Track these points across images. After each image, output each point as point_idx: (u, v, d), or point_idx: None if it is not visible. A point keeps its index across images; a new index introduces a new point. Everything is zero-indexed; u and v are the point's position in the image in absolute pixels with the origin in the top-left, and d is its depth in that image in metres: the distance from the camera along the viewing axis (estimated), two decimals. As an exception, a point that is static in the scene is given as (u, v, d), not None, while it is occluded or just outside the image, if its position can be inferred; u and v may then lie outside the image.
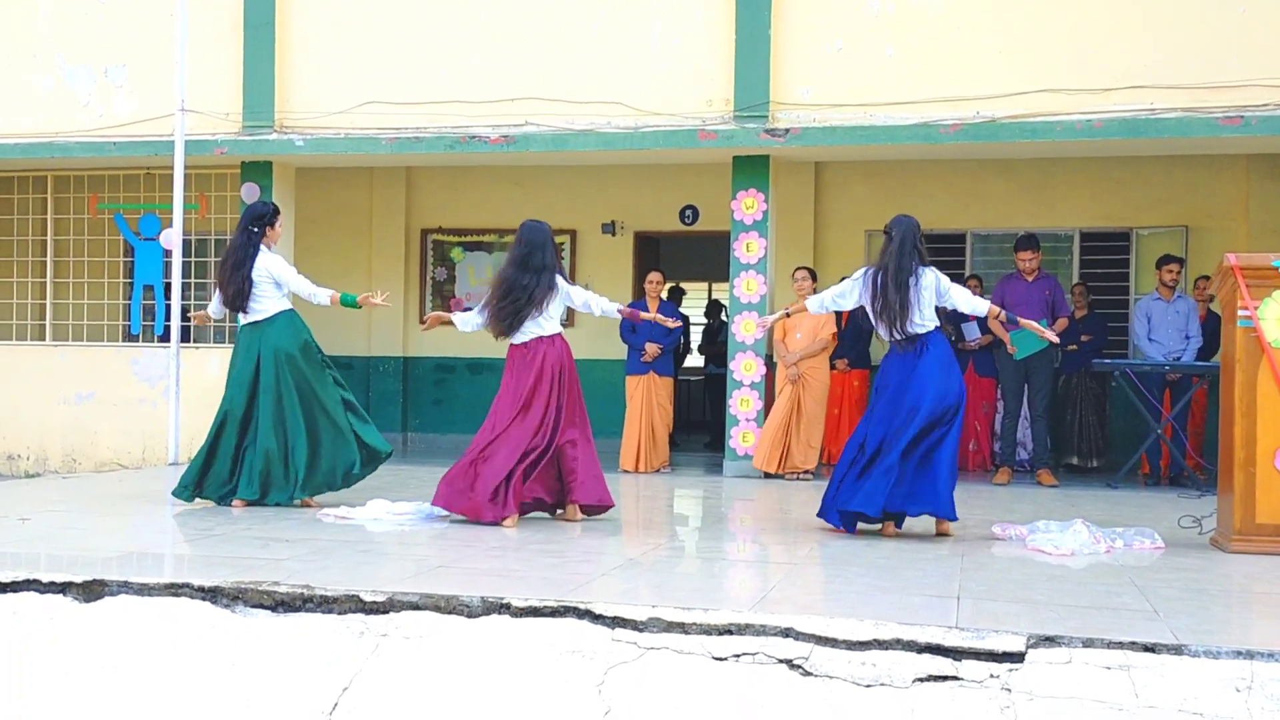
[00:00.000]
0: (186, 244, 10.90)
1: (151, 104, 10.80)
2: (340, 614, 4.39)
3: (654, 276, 10.76)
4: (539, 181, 12.76)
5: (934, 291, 6.60)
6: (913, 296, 6.53)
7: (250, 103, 10.70)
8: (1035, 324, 7.03)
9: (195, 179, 11.05)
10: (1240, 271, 6.10)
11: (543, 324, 6.87)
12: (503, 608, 4.31)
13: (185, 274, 10.89)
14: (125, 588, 4.61)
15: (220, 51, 10.75)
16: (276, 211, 7.55)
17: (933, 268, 6.70)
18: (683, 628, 4.11)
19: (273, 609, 4.46)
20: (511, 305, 6.80)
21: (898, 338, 6.59)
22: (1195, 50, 9.16)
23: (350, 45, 10.64)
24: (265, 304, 7.36)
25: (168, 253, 10.85)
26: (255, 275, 7.29)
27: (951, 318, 10.87)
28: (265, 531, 6.28)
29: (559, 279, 6.88)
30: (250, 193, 10.86)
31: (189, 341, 11.09)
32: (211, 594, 4.53)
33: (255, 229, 7.39)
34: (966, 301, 6.74)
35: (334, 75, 10.65)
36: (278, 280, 7.35)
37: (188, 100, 10.43)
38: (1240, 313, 6.10)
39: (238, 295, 7.30)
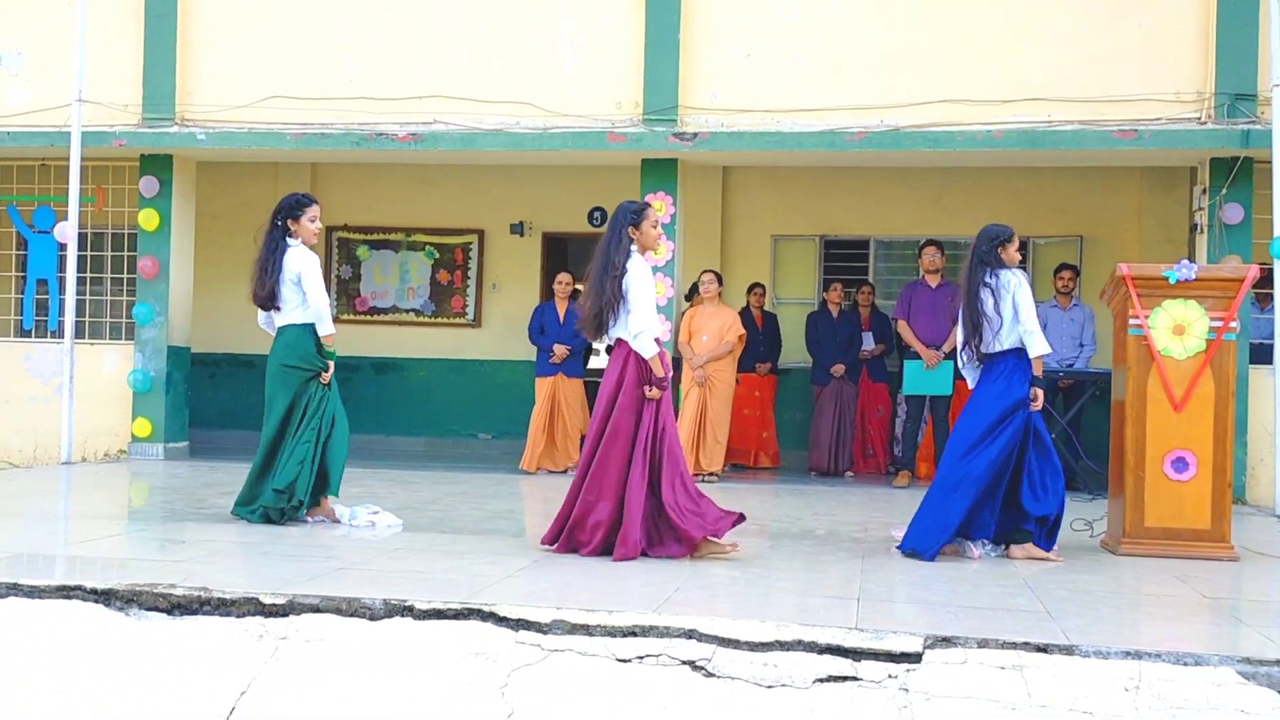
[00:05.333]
0: (82, 237, 10.64)
1: (48, 94, 10.51)
2: (238, 617, 4.32)
3: (563, 277, 10.77)
4: (447, 180, 12.67)
5: (1009, 298, 6.12)
6: (984, 310, 6.17)
7: (150, 94, 10.47)
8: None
9: (92, 171, 10.80)
10: (1132, 281, 6.27)
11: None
12: (405, 610, 4.28)
13: (80, 268, 10.63)
14: (14, 590, 4.50)
15: (120, 41, 10.51)
16: (300, 203, 6.77)
17: (1014, 270, 6.22)
18: (586, 630, 4.12)
19: (168, 612, 4.38)
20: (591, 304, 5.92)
21: (977, 358, 6.27)
22: (1092, 64, 9.40)
23: (255, 38, 10.47)
24: (286, 310, 6.71)
25: (62, 246, 10.57)
26: (283, 273, 6.65)
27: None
28: (163, 533, 6.16)
29: (628, 265, 5.84)
30: (150, 186, 10.63)
31: (83, 337, 10.83)
32: (105, 596, 4.44)
33: (279, 221, 6.75)
34: (1027, 317, 6.10)
35: (238, 68, 10.46)
36: (299, 281, 6.65)
37: (86, 91, 10.19)
38: (1131, 321, 6.28)
39: (271, 296, 6.65)
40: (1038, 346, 6.11)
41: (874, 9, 9.75)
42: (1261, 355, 9.23)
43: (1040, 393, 6.10)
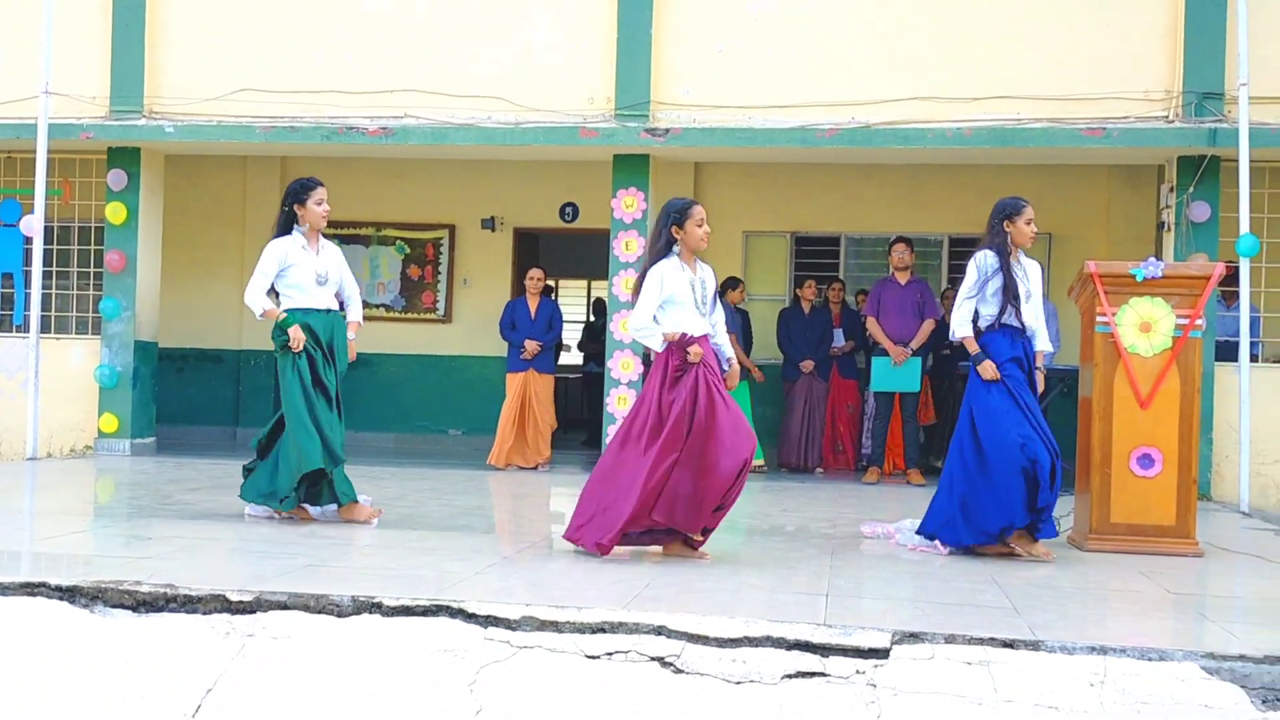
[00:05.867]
0: (49, 231, 10.55)
1: (14, 85, 10.42)
2: (205, 614, 4.29)
3: (534, 273, 10.75)
4: (418, 175, 12.63)
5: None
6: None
7: (118, 86, 10.39)
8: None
9: (59, 164, 10.71)
10: (1100, 279, 6.31)
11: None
12: (374, 607, 4.26)
13: (46, 262, 10.54)
14: (-22, 587, 4.45)
15: (88, 33, 10.42)
16: (305, 187, 6.47)
17: (983, 250, 6.21)
18: (555, 626, 4.11)
19: (134, 609, 4.34)
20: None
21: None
22: (1061, 62, 9.47)
23: (224, 30, 10.40)
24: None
25: (28, 240, 10.48)
26: None
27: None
28: (129, 529, 6.11)
29: (649, 267, 5.64)
30: (117, 179, 10.55)
31: (49, 332, 10.74)
32: (69, 594, 4.40)
33: (285, 208, 6.48)
34: (954, 314, 6.20)
35: (207, 60, 10.39)
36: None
37: (53, 83, 10.11)
38: (1099, 318, 6.32)
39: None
40: (953, 320, 6.13)
41: (846, 7, 9.79)
42: (1227, 353, 9.31)
43: (986, 365, 5.96)
